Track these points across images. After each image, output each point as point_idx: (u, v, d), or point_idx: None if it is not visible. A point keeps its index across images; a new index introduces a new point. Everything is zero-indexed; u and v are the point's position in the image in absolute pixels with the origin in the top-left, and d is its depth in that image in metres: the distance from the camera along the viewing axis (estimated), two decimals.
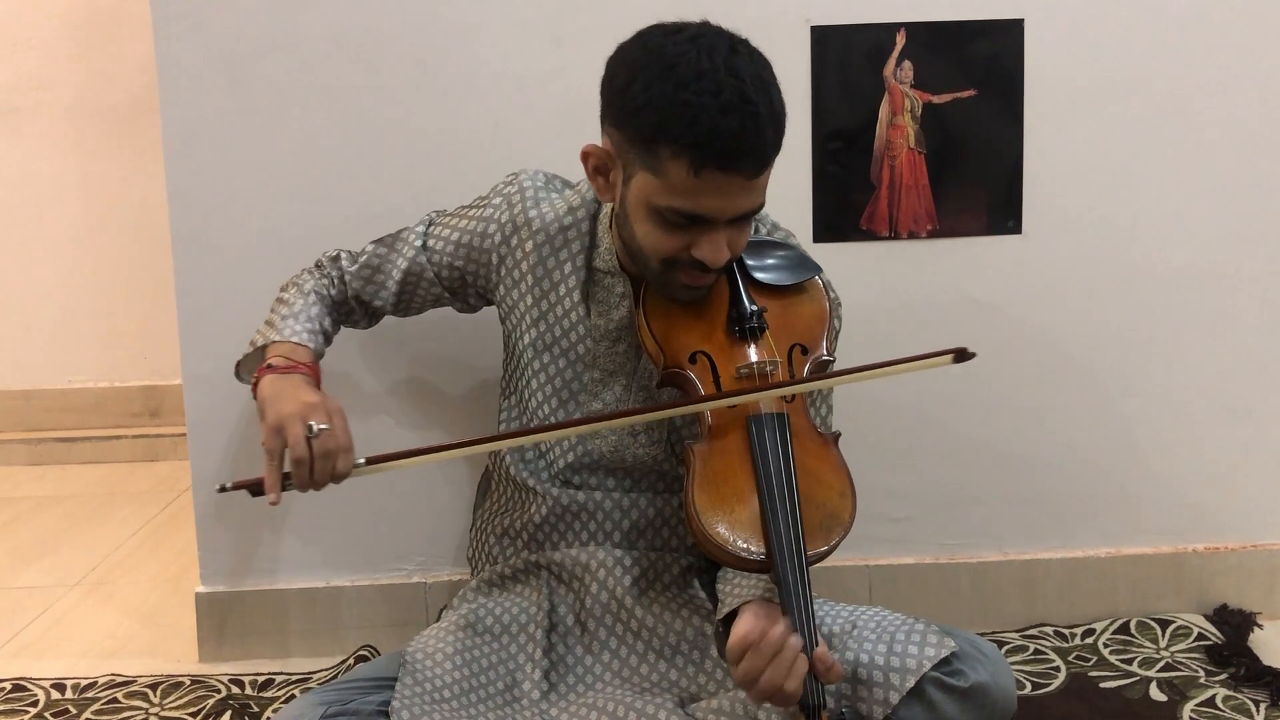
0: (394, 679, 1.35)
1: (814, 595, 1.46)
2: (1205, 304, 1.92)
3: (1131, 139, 1.87)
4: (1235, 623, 1.91)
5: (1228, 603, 1.97)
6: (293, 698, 1.81)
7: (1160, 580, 1.98)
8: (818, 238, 1.87)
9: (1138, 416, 1.95)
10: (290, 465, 1.31)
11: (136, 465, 3.12)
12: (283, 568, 1.96)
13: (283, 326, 1.51)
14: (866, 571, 1.97)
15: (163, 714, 1.80)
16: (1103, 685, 1.78)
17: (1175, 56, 1.85)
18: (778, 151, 1.29)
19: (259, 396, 1.40)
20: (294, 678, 1.89)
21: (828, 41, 1.83)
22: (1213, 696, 1.73)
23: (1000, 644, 1.88)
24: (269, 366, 1.43)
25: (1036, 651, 1.89)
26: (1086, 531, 1.98)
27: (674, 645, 1.40)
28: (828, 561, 1.40)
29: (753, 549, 1.25)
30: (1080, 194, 1.89)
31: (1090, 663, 1.85)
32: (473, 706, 1.34)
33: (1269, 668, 1.78)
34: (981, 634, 1.59)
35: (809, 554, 1.25)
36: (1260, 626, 1.91)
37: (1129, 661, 1.84)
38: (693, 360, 1.36)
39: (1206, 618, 1.95)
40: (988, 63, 1.84)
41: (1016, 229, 1.89)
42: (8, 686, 1.89)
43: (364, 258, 1.60)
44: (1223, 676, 1.78)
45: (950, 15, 1.83)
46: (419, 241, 1.58)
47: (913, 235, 1.89)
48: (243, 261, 1.86)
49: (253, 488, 1.31)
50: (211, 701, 1.81)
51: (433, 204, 1.66)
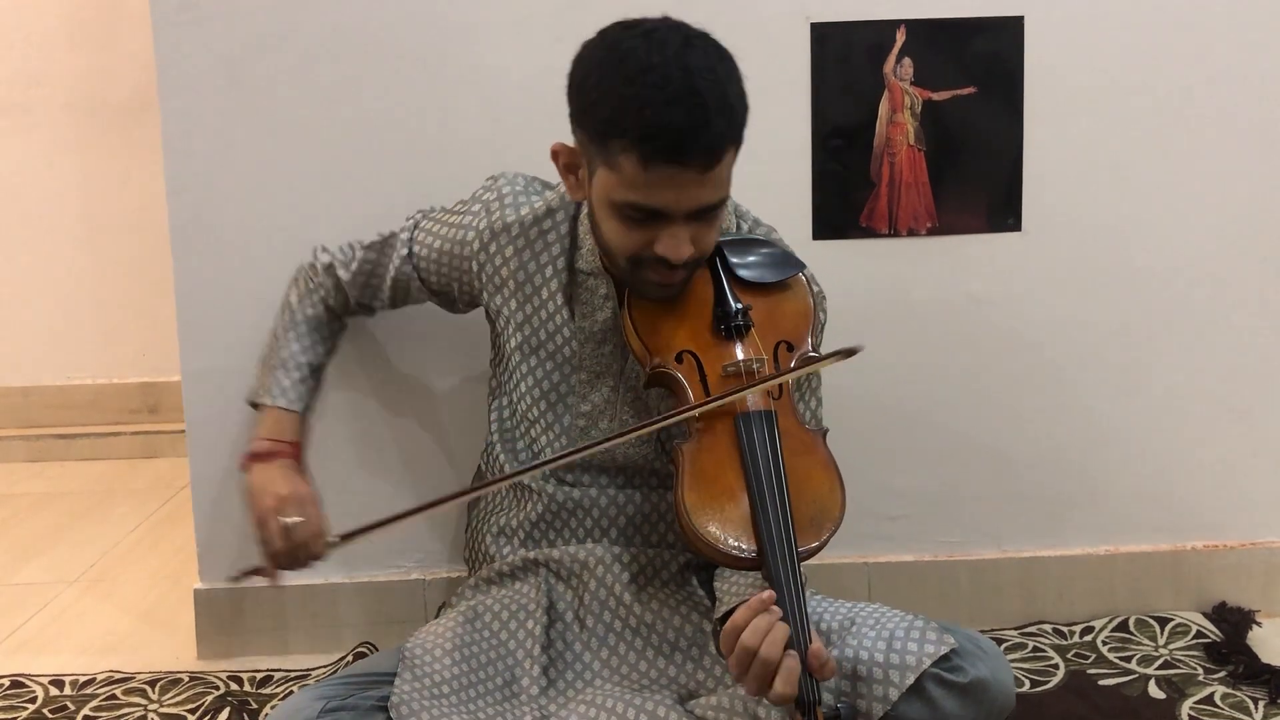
0: (393, 674, 1.35)
1: (811, 591, 1.47)
2: (1204, 302, 1.92)
3: (1132, 136, 1.87)
4: (1234, 620, 1.91)
5: (1226, 600, 1.97)
6: (291, 694, 1.81)
7: (1159, 578, 1.98)
8: (817, 235, 1.87)
9: (1136, 414, 1.95)
10: (273, 556, 1.45)
11: (135, 462, 3.12)
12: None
13: (272, 384, 1.59)
14: (865, 569, 1.97)
15: (161, 710, 1.80)
16: (1101, 683, 1.78)
17: (1175, 54, 1.85)
18: (734, 144, 1.27)
19: (246, 484, 1.51)
20: (292, 674, 1.89)
21: (827, 38, 1.83)
22: (1211, 694, 1.73)
23: (999, 642, 1.88)
24: (253, 455, 1.53)
25: (1035, 649, 1.89)
26: (1085, 529, 1.98)
27: (673, 642, 1.40)
28: (826, 559, 1.40)
29: (744, 547, 1.25)
30: (1080, 192, 1.89)
31: (1089, 660, 1.85)
32: (472, 702, 1.34)
33: (1267, 665, 1.78)
34: (980, 632, 1.59)
35: (800, 550, 1.24)
36: (1259, 624, 1.91)
37: (1128, 659, 1.84)
38: (679, 359, 1.36)
39: (1205, 615, 1.96)
40: (988, 60, 1.84)
41: (1016, 226, 1.89)
42: (6, 683, 1.89)
43: (355, 265, 1.63)
44: (1221, 674, 1.78)
45: (950, 12, 1.83)
46: (404, 250, 1.59)
47: (912, 233, 1.88)
48: (242, 258, 1.86)
49: (258, 573, 1.47)
50: (210, 698, 1.81)
51: (431, 201, 1.65)
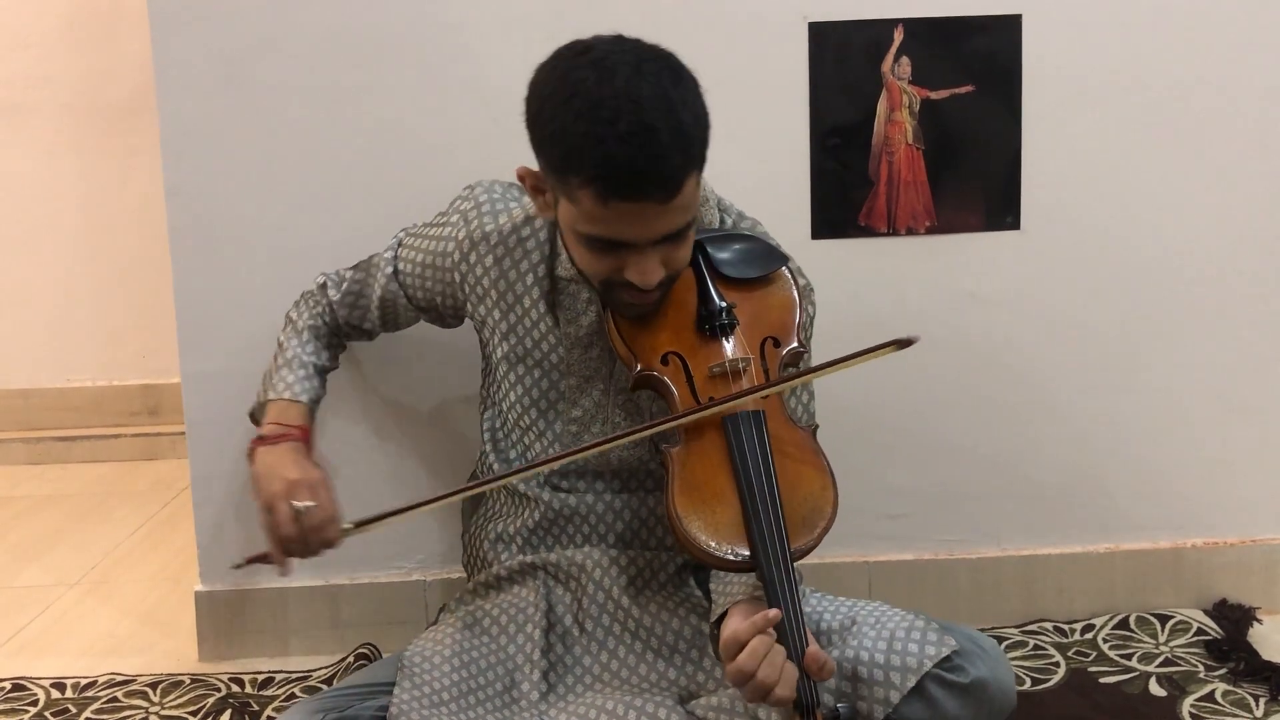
0: (392, 683, 1.35)
1: (810, 590, 1.47)
2: (1203, 300, 1.92)
3: (1130, 135, 1.87)
4: (1234, 617, 1.91)
5: (1227, 597, 1.97)
6: (292, 696, 1.81)
7: (1159, 575, 1.98)
8: (816, 234, 1.87)
9: (1136, 412, 1.95)
10: (283, 542, 1.38)
11: (136, 464, 3.12)
12: None
13: (278, 381, 1.55)
14: (865, 568, 1.97)
15: (162, 713, 1.80)
16: (1102, 680, 1.78)
17: (1174, 52, 1.85)
18: (694, 170, 1.24)
19: (252, 472, 1.45)
20: (293, 676, 1.89)
21: (825, 37, 1.83)
22: (1212, 691, 1.73)
23: (999, 640, 1.88)
24: (261, 438, 1.47)
25: (1036, 647, 1.89)
26: (1085, 527, 1.98)
27: (671, 644, 1.40)
28: (826, 558, 1.40)
29: (736, 550, 1.25)
30: (1079, 190, 1.88)
31: (1090, 658, 1.85)
32: (471, 709, 1.34)
33: (1268, 662, 1.78)
34: (981, 630, 1.59)
35: (793, 550, 1.24)
36: (1259, 621, 1.91)
37: (1128, 657, 1.84)
38: (664, 361, 1.35)
39: (1205, 613, 1.96)
40: (986, 58, 1.84)
41: (1015, 225, 1.89)
42: (7, 686, 1.89)
43: (344, 285, 1.63)
44: (1222, 671, 1.78)
45: (948, 11, 1.82)
46: (389, 268, 1.58)
47: (911, 231, 1.88)
48: (241, 259, 1.85)
49: (263, 560, 1.41)
50: (211, 700, 1.81)
51: (431, 202, 1.65)
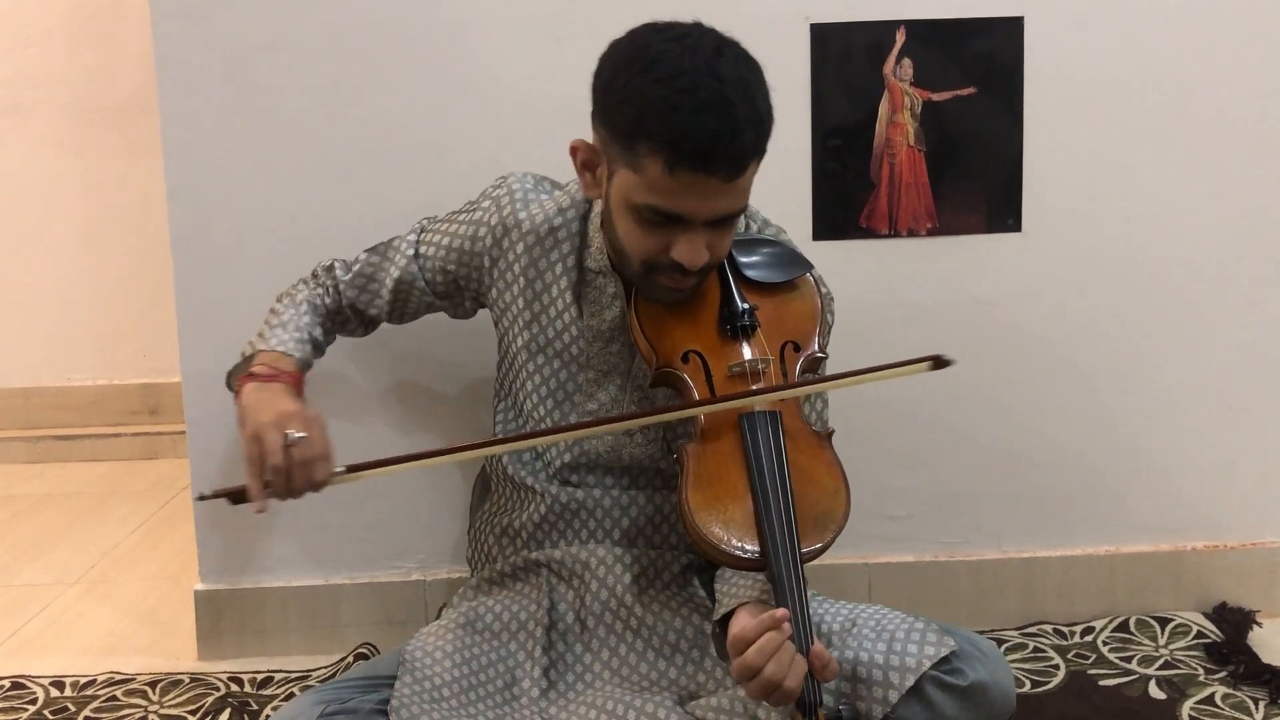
0: (393, 677, 1.35)
1: (812, 593, 1.47)
2: (1204, 302, 1.92)
3: (1131, 137, 1.87)
4: (1234, 621, 1.91)
5: (1227, 601, 1.97)
6: (292, 695, 1.81)
7: (1159, 578, 1.98)
8: (817, 235, 1.87)
9: (1137, 414, 1.95)
10: (268, 474, 1.30)
11: (136, 463, 3.12)
12: (282, 565, 1.96)
13: (270, 336, 1.52)
14: (866, 570, 1.97)
15: (162, 712, 1.80)
16: (1102, 683, 1.78)
17: (1175, 54, 1.85)
18: (758, 156, 1.27)
19: (240, 405, 1.40)
20: (293, 675, 1.89)
21: (827, 39, 1.83)
22: (1212, 694, 1.73)
23: (999, 642, 1.88)
24: (251, 375, 1.43)
25: (1036, 649, 1.89)
26: (1086, 529, 1.98)
27: (674, 644, 1.40)
28: (827, 559, 1.40)
29: (747, 548, 1.25)
30: (1080, 192, 1.89)
31: (1089, 661, 1.85)
32: (472, 705, 1.34)
33: (1268, 665, 1.78)
34: (981, 632, 1.59)
35: (803, 552, 1.24)
36: (1259, 624, 1.90)
37: (1128, 659, 1.84)
38: (685, 359, 1.36)
39: (1205, 616, 1.96)
40: (987, 60, 1.84)
41: (1016, 227, 1.89)
42: (6, 684, 1.89)
43: (357, 266, 1.61)
44: (1222, 674, 1.78)
45: (950, 13, 1.83)
46: (410, 250, 1.57)
47: (912, 233, 1.88)
48: (242, 258, 1.86)
49: (233, 495, 1.30)
50: (210, 699, 1.81)
51: (432, 202, 1.65)
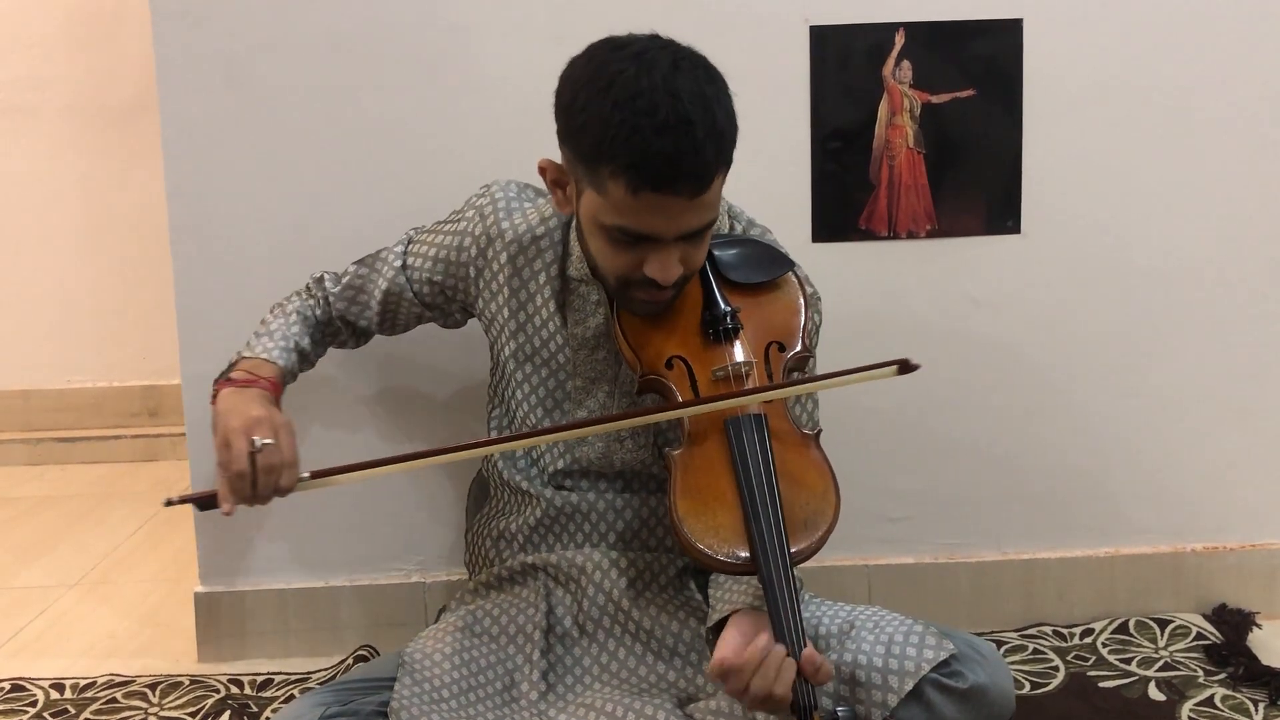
0: (392, 679, 1.35)
1: (809, 595, 1.47)
2: (1204, 303, 1.92)
3: (1130, 138, 1.87)
4: (1234, 622, 1.91)
5: (1226, 602, 1.97)
6: (292, 697, 1.81)
7: (1159, 580, 1.98)
8: (817, 237, 1.87)
9: (1136, 416, 1.95)
10: (234, 479, 1.31)
11: (135, 465, 3.12)
12: (281, 568, 1.96)
13: (255, 344, 1.53)
14: (865, 571, 1.97)
15: (161, 714, 1.80)
16: (1101, 685, 1.78)
17: (1174, 56, 1.85)
18: (723, 168, 1.27)
19: (214, 410, 1.41)
20: (293, 678, 1.89)
21: (827, 41, 1.83)
22: (1211, 696, 1.73)
23: (999, 644, 1.88)
24: (229, 380, 1.45)
25: (1035, 651, 1.89)
26: (1085, 531, 1.98)
27: (671, 646, 1.40)
28: (826, 562, 1.41)
29: (737, 553, 1.25)
30: (1079, 193, 1.89)
31: (1089, 662, 1.85)
32: (471, 707, 1.34)
33: (1268, 667, 1.78)
34: (980, 634, 1.59)
35: (793, 553, 1.24)
36: (1259, 626, 1.90)
37: (1128, 661, 1.84)
38: (669, 366, 1.36)
39: (1205, 617, 1.95)
40: (987, 62, 1.84)
41: (1015, 229, 1.89)
42: (6, 686, 1.89)
43: (346, 278, 1.61)
44: (1221, 676, 1.78)
45: (949, 15, 1.83)
46: (398, 261, 1.57)
47: (912, 235, 1.88)
48: (242, 260, 1.86)
49: (201, 501, 1.31)
50: (210, 701, 1.81)
51: (431, 203, 1.66)
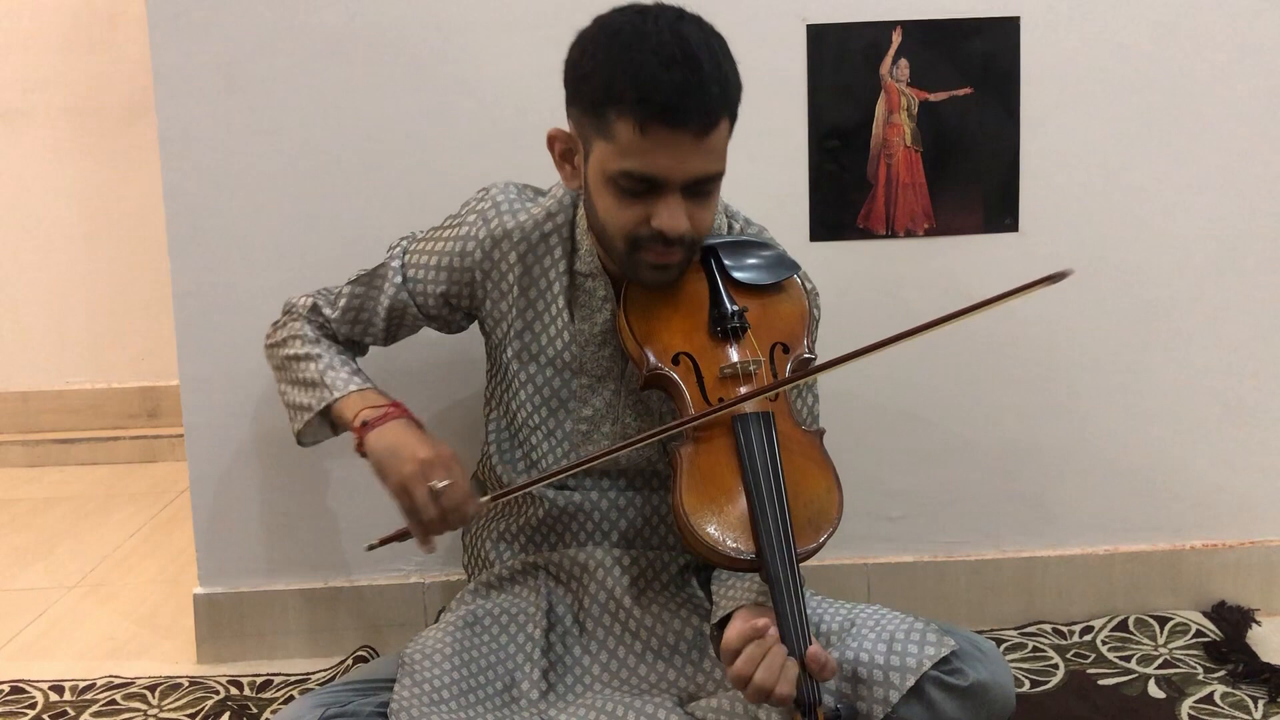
0: (392, 680, 1.35)
1: (811, 593, 1.47)
2: (1202, 301, 1.92)
3: (1128, 136, 1.87)
4: (1233, 619, 1.91)
5: (1225, 599, 1.97)
6: (291, 698, 1.81)
7: (1158, 577, 1.98)
8: (815, 236, 1.87)
9: (1134, 414, 1.95)
10: (426, 525, 1.34)
11: (134, 466, 3.12)
12: (280, 568, 1.96)
13: (332, 382, 1.48)
14: (865, 570, 1.97)
15: (161, 715, 1.80)
16: (1101, 683, 1.78)
17: (1172, 54, 1.85)
18: (728, 115, 1.30)
19: (371, 457, 1.40)
20: (292, 679, 1.89)
21: (823, 39, 1.83)
22: (1211, 693, 1.73)
23: (998, 642, 1.88)
24: (364, 424, 1.41)
25: (1035, 649, 1.89)
26: (1084, 529, 1.99)
27: (672, 645, 1.40)
28: (826, 560, 1.41)
29: (742, 549, 1.25)
30: (1077, 191, 1.89)
31: (1089, 660, 1.85)
32: (471, 707, 1.34)
33: (1267, 664, 1.78)
34: (980, 632, 1.59)
35: (799, 551, 1.25)
36: (1258, 623, 1.91)
37: (1127, 659, 1.84)
38: (675, 362, 1.36)
39: (1204, 614, 1.96)
40: (984, 60, 1.84)
41: (1013, 227, 1.89)
42: (6, 688, 1.89)
43: (344, 301, 1.56)
44: (1221, 673, 1.78)
45: (946, 13, 1.83)
46: (397, 277, 1.53)
47: (910, 233, 1.89)
48: (240, 262, 1.86)
49: (400, 538, 1.37)
50: (210, 703, 1.81)
51: (428, 205, 1.65)
